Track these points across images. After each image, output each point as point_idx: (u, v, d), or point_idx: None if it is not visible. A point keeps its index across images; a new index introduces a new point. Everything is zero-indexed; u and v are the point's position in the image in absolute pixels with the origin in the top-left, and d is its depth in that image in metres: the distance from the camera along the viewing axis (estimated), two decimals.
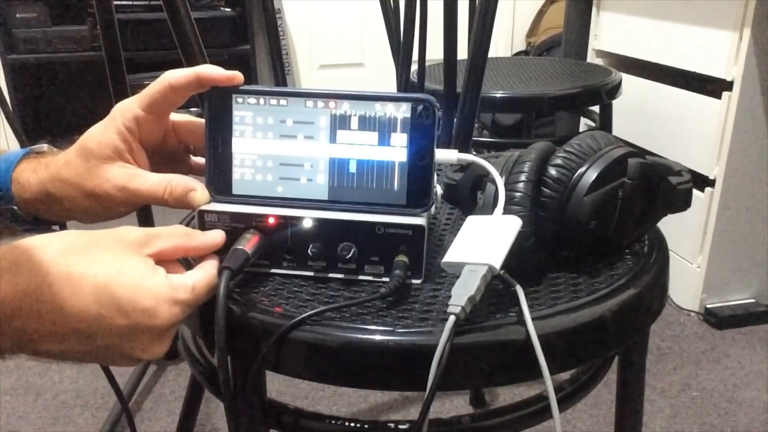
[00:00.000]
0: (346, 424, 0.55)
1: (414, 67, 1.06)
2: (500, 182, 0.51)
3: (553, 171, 0.52)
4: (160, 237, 0.47)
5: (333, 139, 0.51)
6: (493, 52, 0.92)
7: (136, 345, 0.44)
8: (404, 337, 0.46)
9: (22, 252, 0.41)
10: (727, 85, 1.46)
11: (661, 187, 0.55)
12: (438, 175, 0.54)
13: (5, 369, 1.45)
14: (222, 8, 2.43)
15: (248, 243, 0.50)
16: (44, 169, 0.54)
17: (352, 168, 0.51)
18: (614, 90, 1.39)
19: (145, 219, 1.37)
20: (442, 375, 0.43)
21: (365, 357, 0.46)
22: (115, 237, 0.45)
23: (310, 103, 0.51)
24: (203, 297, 0.47)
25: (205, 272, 0.48)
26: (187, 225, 0.65)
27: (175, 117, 0.56)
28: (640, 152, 0.54)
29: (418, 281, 0.52)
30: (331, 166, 0.51)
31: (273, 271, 0.53)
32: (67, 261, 0.42)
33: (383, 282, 0.51)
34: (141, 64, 2.27)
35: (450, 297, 0.44)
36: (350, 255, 0.50)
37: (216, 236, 0.50)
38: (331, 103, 0.51)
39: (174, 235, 0.48)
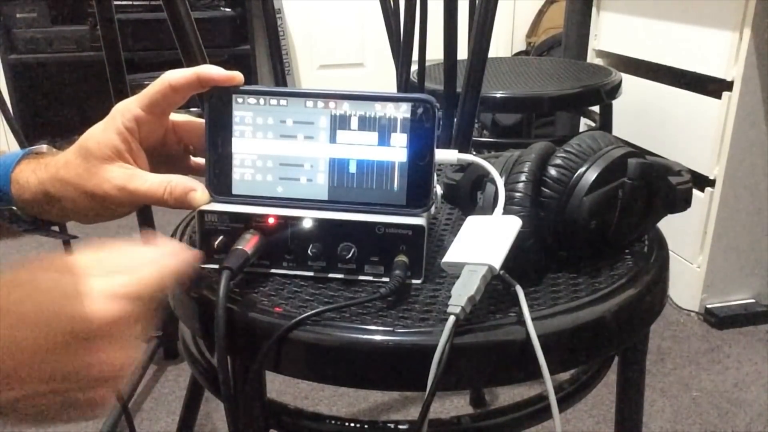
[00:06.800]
0: (346, 424, 0.55)
1: (414, 67, 1.06)
2: (500, 182, 0.51)
3: (553, 171, 0.52)
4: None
5: (333, 139, 0.51)
6: (493, 52, 0.92)
7: (96, 360, 0.38)
8: (404, 337, 0.46)
9: None
10: (727, 85, 1.46)
11: (661, 187, 0.55)
12: (438, 175, 0.54)
13: None
14: (222, 8, 2.43)
15: (248, 243, 0.50)
16: (44, 170, 0.54)
17: (352, 168, 0.51)
18: (614, 90, 1.39)
19: (145, 219, 1.37)
20: (442, 375, 0.43)
21: (365, 357, 0.46)
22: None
23: (310, 103, 0.51)
24: (152, 281, 0.41)
25: (153, 256, 0.43)
26: (187, 225, 0.65)
27: (175, 117, 0.56)
28: (640, 152, 0.54)
29: (418, 281, 0.52)
30: (331, 166, 0.51)
31: (273, 271, 0.53)
32: (8, 300, 0.37)
33: (383, 282, 0.51)
34: (141, 64, 2.27)
35: (450, 297, 0.44)
36: (350, 255, 0.50)
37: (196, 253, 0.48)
38: (331, 104, 0.51)
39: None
